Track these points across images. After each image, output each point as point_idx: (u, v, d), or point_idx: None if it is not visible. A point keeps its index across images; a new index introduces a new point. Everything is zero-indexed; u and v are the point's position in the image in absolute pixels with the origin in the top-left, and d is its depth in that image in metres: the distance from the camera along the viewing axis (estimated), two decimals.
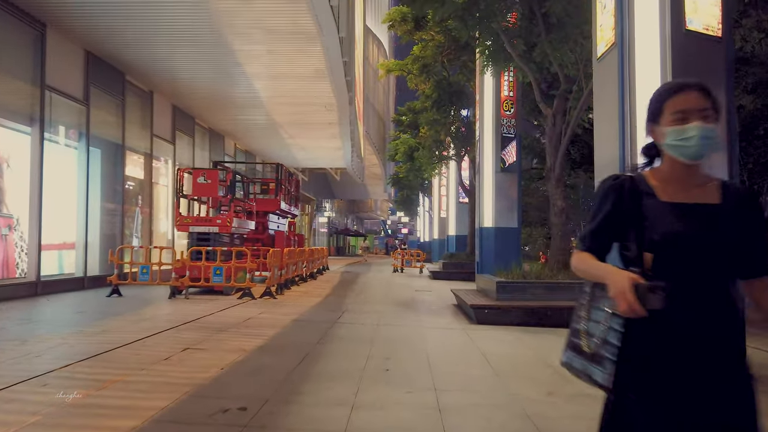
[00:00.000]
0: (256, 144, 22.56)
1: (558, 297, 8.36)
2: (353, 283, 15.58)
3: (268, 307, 9.19)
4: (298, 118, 17.89)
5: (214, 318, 7.83)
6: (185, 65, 13.17)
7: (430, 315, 9.04)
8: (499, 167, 14.31)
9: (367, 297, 11.73)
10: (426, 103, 19.53)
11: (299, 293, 11.99)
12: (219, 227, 10.81)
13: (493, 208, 14.17)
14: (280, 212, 15.38)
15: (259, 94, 15.24)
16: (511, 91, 14.48)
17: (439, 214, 34.02)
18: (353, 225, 73.54)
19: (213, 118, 18.31)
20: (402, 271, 22.69)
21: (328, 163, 28.81)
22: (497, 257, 14.20)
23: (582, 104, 9.08)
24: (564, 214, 9.21)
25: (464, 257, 19.88)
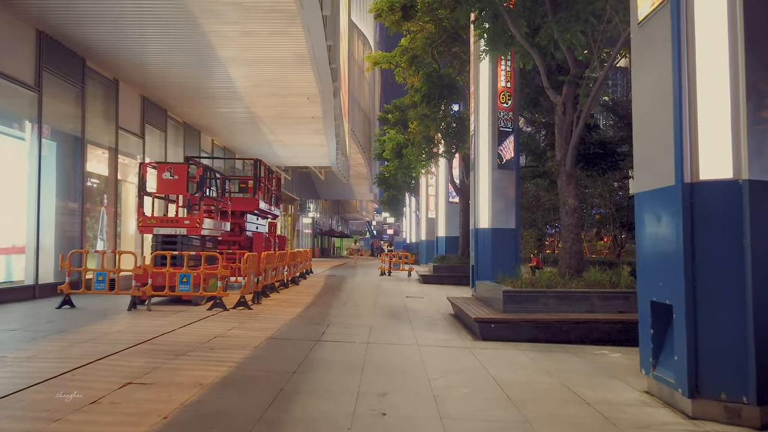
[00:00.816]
0: (236, 140, 21.29)
1: (573, 308, 7.33)
2: (339, 289, 14.44)
3: (241, 321, 8.01)
4: (280, 111, 16.69)
5: (174, 337, 6.64)
6: (155, 50, 11.93)
7: (426, 328, 7.95)
8: (496, 164, 13.30)
9: (355, 305, 10.61)
10: (415, 98, 18.46)
11: (279, 302, 10.82)
12: (187, 229, 9.60)
13: (489, 207, 13.16)
14: (259, 212, 14.18)
15: (236, 84, 14.03)
16: (508, 81, 13.49)
17: (426, 214, 33.00)
18: (338, 226, 72.30)
19: (188, 111, 17.03)
20: (389, 275, 21.60)
21: (312, 161, 27.60)
22: (495, 261, 13.18)
23: (597, 90, 8.07)
24: (576, 213, 8.21)
25: (456, 260, 18.85)
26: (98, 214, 13.82)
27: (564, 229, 8.35)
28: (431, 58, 18.41)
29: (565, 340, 6.92)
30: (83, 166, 12.19)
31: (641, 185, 4.69)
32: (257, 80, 13.66)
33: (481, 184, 13.37)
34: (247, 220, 13.56)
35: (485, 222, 13.27)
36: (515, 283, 7.95)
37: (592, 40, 8.30)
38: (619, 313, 7.26)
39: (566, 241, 8.30)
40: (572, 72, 8.60)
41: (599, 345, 6.80)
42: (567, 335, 6.93)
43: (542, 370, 5.38)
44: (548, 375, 5.20)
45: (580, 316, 7.04)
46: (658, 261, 4.43)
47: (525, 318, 6.98)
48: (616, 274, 7.84)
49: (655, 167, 4.44)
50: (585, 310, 7.32)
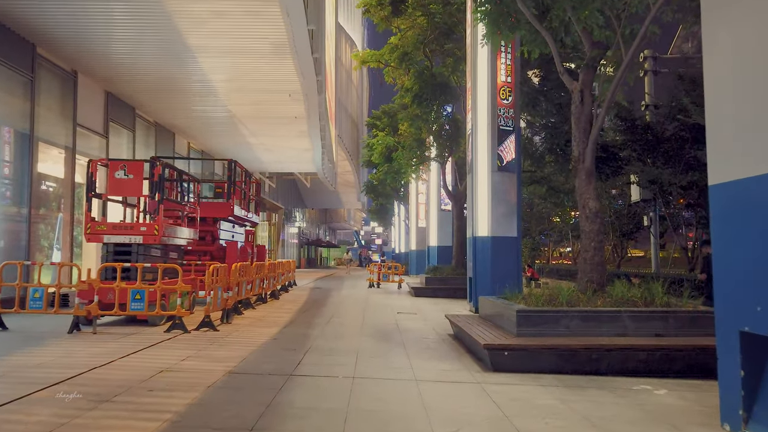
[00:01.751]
0: (214, 143, 19.93)
1: (600, 331, 6.09)
2: (323, 304, 13.09)
3: (201, 347, 6.65)
4: (260, 109, 15.40)
5: (107, 372, 5.27)
6: (119, 38, 10.63)
7: (424, 354, 6.65)
8: (495, 165, 12.12)
9: (340, 324, 9.28)
10: (405, 98, 17.28)
11: (253, 320, 9.46)
12: (144, 236, 8.23)
13: (489, 213, 11.96)
14: (234, 219, 12.83)
15: (210, 78, 12.73)
16: (509, 76, 12.36)
17: (417, 223, 31.79)
18: (326, 236, 70.82)
19: (159, 110, 15.67)
20: (378, 286, 20.27)
21: (297, 166, 26.27)
22: (495, 272, 11.95)
23: (623, 72, 6.90)
24: (599, 218, 7.00)
25: (450, 271, 17.60)
26: (55, 220, 12.39)
27: (584, 236, 7.12)
28: (423, 56, 17.28)
29: (594, 371, 5.67)
30: (32, 167, 10.77)
31: (724, 173, 3.48)
32: (233, 73, 12.37)
33: (480, 188, 12.18)
34: (221, 228, 12.20)
35: (484, 229, 12.06)
36: (529, 301, 6.70)
37: (613, 17, 7.15)
38: (657, 336, 6.04)
39: (587, 251, 7.07)
40: (590, 54, 7.44)
41: (636, 377, 5.55)
42: (597, 365, 5.68)
43: (581, 419, 4.11)
44: (592, 427, 3.93)
45: (612, 341, 5.79)
46: (753, 277, 3.20)
47: (545, 344, 5.71)
48: (648, 290, 6.63)
49: (753, 147, 3.22)
50: (616, 334, 6.09)
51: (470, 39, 12.62)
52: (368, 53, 19.41)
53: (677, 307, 6.32)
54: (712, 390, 5.16)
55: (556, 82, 15.85)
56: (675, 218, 17.14)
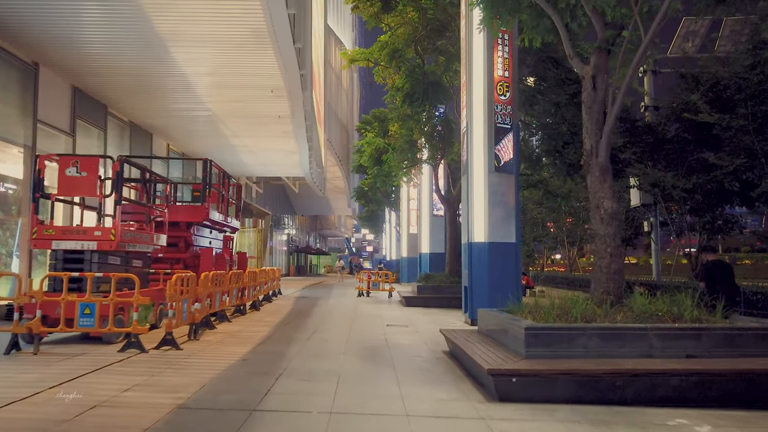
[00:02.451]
0: (196, 145, 18.92)
1: (623, 352, 5.20)
2: (307, 315, 12.11)
3: (155, 372, 5.68)
4: (241, 108, 14.46)
5: (23, 409, 4.28)
6: (85, 26, 9.68)
7: (416, 378, 5.72)
8: (492, 166, 11.27)
9: (323, 340, 8.33)
10: (396, 97, 16.44)
11: (226, 336, 8.48)
12: (98, 242, 7.24)
13: (485, 217, 11.09)
14: (211, 224, 11.84)
15: (186, 72, 11.78)
16: (506, 70, 11.55)
17: (408, 229, 30.89)
18: (316, 243, 69.74)
19: (134, 108, 14.67)
20: (368, 295, 19.31)
21: (284, 170, 25.27)
22: (493, 281, 11.07)
23: (643, 52, 6.06)
24: (616, 220, 6.13)
25: (443, 279, 16.70)
26: (14, 225, 11.36)
27: (599, 240, 6.24)
28: (414, 53, 16.46)
29: (619, 400, 4.77)
30: None
31: None
32: (210, 65, 11.43)
33: (476, 190, 11.31)
34: (196, 233, 11.21)
35: (481, 235, 11.18)
36: (537, 315, 5.79)
37: None
38: (689, 358, 5.15)
39: (602, 257, 6.19)
40: (602, 36, 6.60)
41: (668, 407, 4.67)
42: (621, 393, 4.78)
43: None
44: None
45: (639, 364, 4.90)
46: None
47: (561, 369, 4.80)
48: (675, 303, 5.76)
49: None
50: (640, 354, 5.20)
51: (465, 31, 11.81)
52: (357, 51, 18.58)
53: (710, 323, 5.45)
54: (764, 425, 4.27)
55: (554, 80, 15.10)
56: (678, 223, 16.39)
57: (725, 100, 13.16)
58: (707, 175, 13.87)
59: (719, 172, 12.97)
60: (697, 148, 15.19)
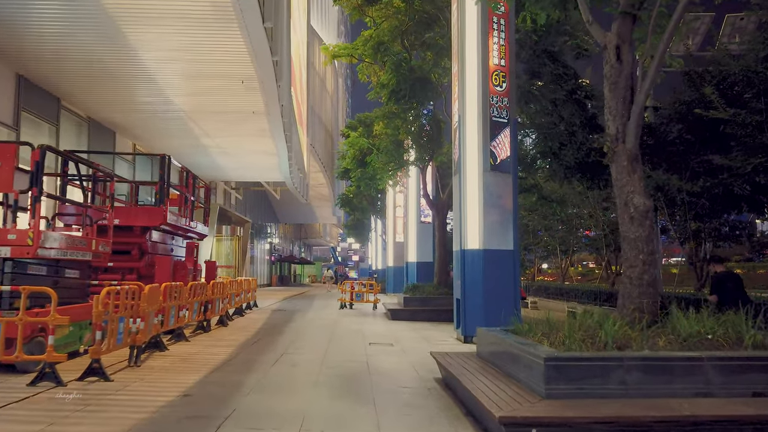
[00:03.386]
0: (165, 145, 17.50)
1: (673, 389, 3.99)
2: (280, 332, 10.77)
3: (59, 417, 4.32)
4: (211, 102, 13.16)
5: None
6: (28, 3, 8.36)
7: (403, 423, 4.45)
8: (488, 164, 10.11)
9: (291, 365, 7.02)
10: (381, 94, 15.24)
11: (175, 360, 7.13)
12: (12, 247, 5.88)
13: (480, 222, 9.91)
14: (172, 229, 10.48)
15: (143, 55, 10.44)
16: (502, 58, 10.43)
17: (394, 238, 29.65)
18: (301, 252, 68.17)
19: (92, 102, 13.28)
20: (351, 307, 18.00)
21: (263, 174, 23.87)
22: (488, 293, 9.85)
23: (680, 15, 4.92)
24: (649, 220, 4.94)
25: (431, 290, 15.47)
26: None
27: (628, 245, 5.05)
28: (401, 47, 15.34)
29: None
30: None
31: None
32: (169, 48, 10.12)
33: (469, 191, 10.13)
34: (152, 239, 9.84)
35: (475, 241, 9.99)
36: (555, 339, 4.56)
37: None
38: (757, 397, 3.96)
39: (632, 266, 4.99)
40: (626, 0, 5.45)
41: None
42: None
43: None
44: None
45: (699, 408, 3.68)
46: None
47: (598, 416, 3.57)
48: (727, 323, 4.57)
49: None
50: (695, 392, 3.99)
51: (456, 15, 10.68)
52: (339, 46, 17.40)
53: None
54: None
55: (550, 76, 14.06)
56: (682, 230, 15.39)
57: (733, 97, 12.18)
58: (715, 179, 12.84)
59: (727, 175, 12.00)
60: (702, 150, 14.15)
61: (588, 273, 44.93)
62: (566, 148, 15.22)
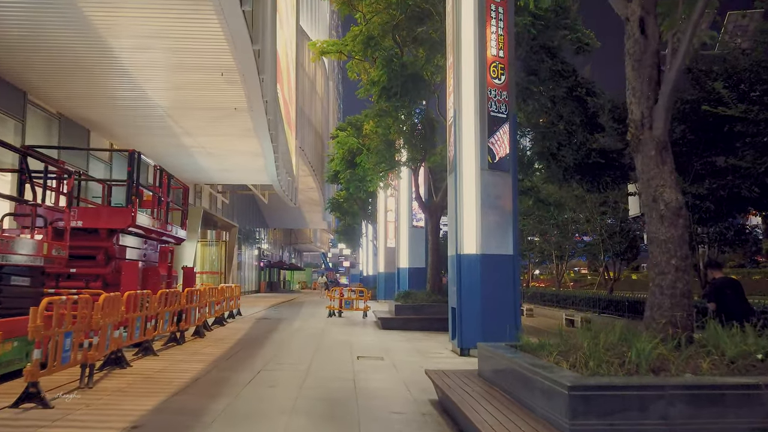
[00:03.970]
0: (144, 144, 16.60)
1: (726, 424, 3.25)
2: (261, 344, 9.94)
3: None
4: (190, 97, 12.36)
5: None
6: None
7: None
8: (486, 162, 9.39)
9: (268, 384, 6.21)
10: (371, 91, 14.49)
11: (134, 380, 6.29)
12: None
13: (477, 224, 9.18)
14: (145, 233, 9.63)
15: (112, 43, 9.63)
16: (501, 49, 9.74)
17: (386, 243, 28.88)
18: (291, 258, 67.11)
19: (64, 97, 12.43)
20: (340, 315, 17.18)
21: (249, 177, 23.06)
22: (486, 301, 9.10)
23: None
24: (683, 218, 4.22)
25: (424, 297, 14.69)
26: None
27: (656, 248, 4.31)
28: (392, 42, 14.63)
29: None
30: None
31: None
32: (143, 35, 9.31)
33: (466, 191, 9.39)
34: (120, 243, 8.98)
35: (471, 245, 9.24)
36: (577, 359, 3.81)
37: None
38: None
39: (663, 272, 4.25)
40: None
41: None
42: None
43: None
44: None
45: None
46: None
47: None
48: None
49: None
50: (750, 427, 3.24)
51: (452, 1, 9.96)
52: (328, 42, 16.66)
53: None
54: None
55: (548, 73, 13.41)
56: None
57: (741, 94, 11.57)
58: (721, 180, 12.21)
59: (734, 176, 11.40)
60: (707, 151, 13.49)
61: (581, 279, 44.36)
62: (565, 149, 14.53)
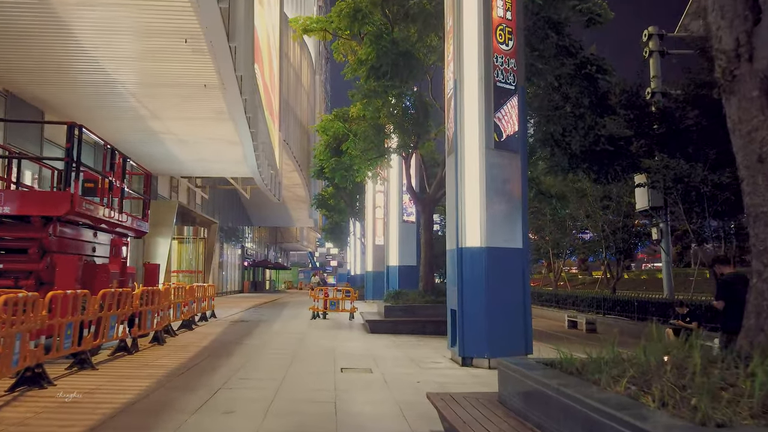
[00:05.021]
0: (107, 129, 14.99)
1: None
2: (228, 353, 8.54)
3: None
4: (152, 71, 10.92)
5: None
6: None
7: None
8: (491, 140, 8.07)
9: (222, 412, 4.83)
10: (359, 72, 13.12)
11: (44, 407, 4.87)
12: None
13: (482, 213, 7.86)
14: (92, 222, 8.17)
15: (58, 8, 8.20)
16: (508, 10, 8.43)
17: (374, 240, 27.51)
18: (278, 257, 65.40)
19: (10, 71, 10.90)
20: (325, 317, 15.80)
21: (228, 169, 21.51)
22: (492, 302, 7.79)
23: None
24: None
25: (417, 297, 13.36)
26: None
27: (761, 226, 3.03)
28: (381, 16, 13.29)
29: None
30: None
31: None
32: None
33: (468, 174, 8.07)
34: (57, 234, 7.52)
35: (475, 238, 7.93)
36: (670, 392, 2.50)
37: None
38: None
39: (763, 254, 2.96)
40: None
41: None
42: None
43: None
44: None
45: None
46: None
47: None
48: None
49: None
50: None
51: None
52: (311, 19, 15.25)
53: None
54: None
55: (554, 49, 12.15)
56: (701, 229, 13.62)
57: None
58: None
59: None
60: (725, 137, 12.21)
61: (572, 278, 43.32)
62: (571, 135, 13.28)
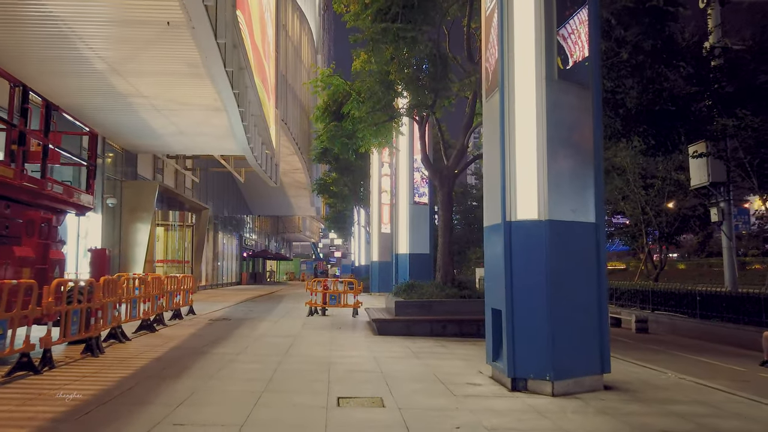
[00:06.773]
0: (79, 98, 12.64)
1: None
2: (182, 371, 6.19)
3: None
4: (100, 5, 8.52)
5: None
6: None
7: None
8: (553, 69, 5.64)
9: None
10: (361, 18, 10.63)
11: None
12: None
13: (540, 172, 5.39)
14: None
15: None
16: None
17: (380, 228, 25.17)
18: (280, 248, 63.18)
19: None
20: (324, 313, 13.48)
21: (214, 144, 18.88)
22: (557, 302, 5.39)
23: None
24: None
25: (434, 290, 10.94)
26: None
27: None
28: None
29: None
30: None
31: None
32: None
33: (520, 118, 5.62)
34: None
35: (531, 206, 5.49)
36: None
37: None
38: None
39: None
40: None
41: None
42: None
43: None
44: None
45: None
46: None
47: None
48: None
49: None
50: None
51: None
52: None
53: None
54: None
55: None
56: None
57: None
58: None
59: None
60: None
61: None
62: (626, 90, 10.82)
